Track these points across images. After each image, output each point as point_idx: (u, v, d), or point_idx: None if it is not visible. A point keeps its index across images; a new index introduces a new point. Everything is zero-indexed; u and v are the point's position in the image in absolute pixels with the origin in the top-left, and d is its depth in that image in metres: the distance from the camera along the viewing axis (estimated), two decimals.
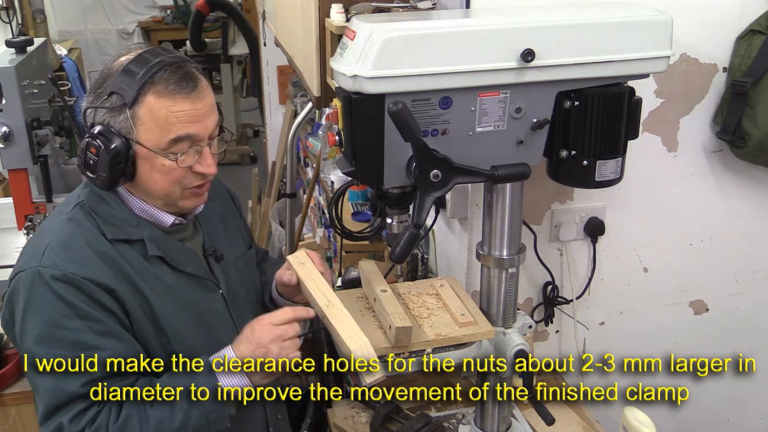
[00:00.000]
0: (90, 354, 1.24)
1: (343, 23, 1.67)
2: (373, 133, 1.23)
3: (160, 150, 1.28)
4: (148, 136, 1.28)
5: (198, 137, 1.30)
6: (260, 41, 4.78)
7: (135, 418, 1.23)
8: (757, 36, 1.70)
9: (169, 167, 1.30)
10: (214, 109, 1.34)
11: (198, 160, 1.32)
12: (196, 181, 1.35)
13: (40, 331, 1.25)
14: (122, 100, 1.26)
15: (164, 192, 1.34)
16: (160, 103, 1.26)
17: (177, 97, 1.26)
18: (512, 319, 1.47)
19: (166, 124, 1.27)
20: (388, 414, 1.66)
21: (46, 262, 1.27)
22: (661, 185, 1.86)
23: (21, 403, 2.06)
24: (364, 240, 1.75)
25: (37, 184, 2.46)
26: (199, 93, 1.29)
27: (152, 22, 7.46)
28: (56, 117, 2.34)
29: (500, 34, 1.22)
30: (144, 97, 1.26)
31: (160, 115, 1.26)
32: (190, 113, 1.28)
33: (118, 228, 1.34)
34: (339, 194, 1.67)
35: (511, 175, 1.32)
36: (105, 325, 1.27)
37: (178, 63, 1.30)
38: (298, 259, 1.47)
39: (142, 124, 1.27)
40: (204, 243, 1.49)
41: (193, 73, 1.31)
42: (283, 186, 4.08)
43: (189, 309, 1.39)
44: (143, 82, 1.25)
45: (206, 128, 1.31)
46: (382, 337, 1.34)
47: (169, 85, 1.26)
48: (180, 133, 1.28)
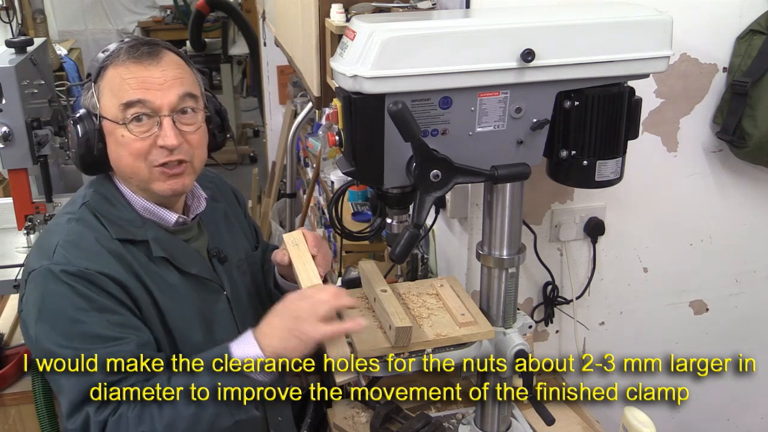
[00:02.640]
0: (110, 345, 1.24)
1: (343, 23, 1.67)
2: (373, 133, 1.23)
3: (117, 119, 1.29)
4: (107, 107, 1.31)
5: (153, 105, 1.29)
6: (260, 41, 4.79)
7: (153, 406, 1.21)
8: (757, 36, 1.71)
9: (128, 139, 1.30)
10: (181, 83, 1.33)
11: (158, 133, 1.31)
12: (162, 157, 1.32)
13: (59, 327, 1.25)
14: (90, 78, 1.32)
15: (130, 169, 1.33)
16: (115, 72, 1.30)
17: (130, 64, 1.29)
18: (512, 319, 1.47)
19: (120, 91, 1.29)
20: (388, 414, 1.66)
21: (58, 259, 1.27)
22: (661, 185, 1.86)
23: (21, 403, 2.06)
24: (364, 240, 1.75)
25: (37, 184, 2.46)
26: (159, 63, 1.31)
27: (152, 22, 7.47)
28: (56, 117, 2.34)
29: (500, 34, 1.22)
30: (105, 71, 1.31)
31: (115, 83, 1.30)
32: (142, 79, 1.29)
33: (122, 228, 1.34)
34: (339, 194, 1.67)
35: (511, 175, 1.32)
36: (123, 317, 1.27)
37: (149, 41, 1.34)
38: (293, 240, 1.45)
39: (102, 95, 1.31)
40: (208, 244, 1.48)
41: (156, 48, 1.33)
42: (283, 186, 4.08)
43: (193, 310, 1.39)
44: (107, 57, 1.31)
45: (164, 97, 1.30)
46: (382, 337, 1.33)
47: (128, 57, 1.30)
48: (131, 98, 1.29)
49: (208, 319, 1.42)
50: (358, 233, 1.68)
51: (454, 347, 1.36)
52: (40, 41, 2.49)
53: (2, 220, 2.48)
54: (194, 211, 1.47)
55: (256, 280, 1.60)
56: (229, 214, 1.58)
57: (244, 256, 1.57)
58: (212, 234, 1.50)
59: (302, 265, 1.39)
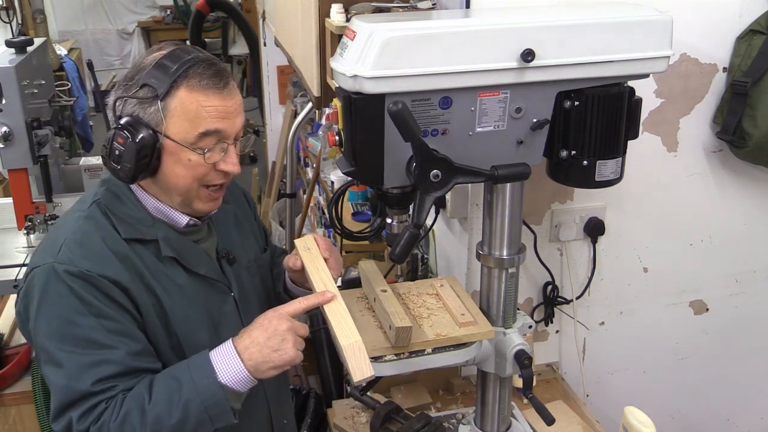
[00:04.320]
0: (102, 353, 1.24)
1: (343, 23, 1.67)
2: (373, 133, 1.23)
3: (187, 144, 1.29)
4: (176, 129, 1.29)
5: (225, 134, 1.31)
6: (260, 41, 4.78)
7: (135, 414, 1.22)
8: (757, 36, 1.71)
9: (195, 162, 1.30)
10: (242, 109, 1.36)
11: (223, 158, 1.33)
12: (218, 180, 1.35)
13: (54, 326, 1.25)
14: (154, 92, 1.27)
15: (185, 188, 1.34)
16: (192, 97, 1.27)
17: (209, 92, 1.28)
18: (512, 319, 1.47)
19: (197, 118, 1.28)
20: (388, 414, 1.66)
21: (62, 258, 1.27)
22: (661, 185, 1.86)
23: (21, 403, 2.07)
24: (364, 240, 1.75)
25: (37, 184, 2.46)
26: (230, 91, 1.31)
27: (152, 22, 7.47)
28: (56, 117, 2.34)
29: (500, 34, 1.22)
30: (176, 91, 1.27)
31: (191, 109, 1.28)
32: (220, 109, 1.29)
33: (132, 227, 1.34)
34: (339, 194, 1.68)
35: (511, 175, 1.32)
36: (119, 324, 1.27)
37: (211, 60, 1.32)
38: (305, 244, 1.46)
39: (172, 117, 1.28)
40: (218, 245, 1.49)
41: (225, 71, 1.33)
42: (283, 186, 4.08)
43: (200, 310, 1.39)
44: (177, 76, 1.27)
45: (234, 126, 1.32)
46: (382, 337, 1.33)
47: (202, 80, 1.28)
48: (209, 127, 1.29)
49: (215, 320, 1.42)
50: (358, 233, 1.68)
51: (454, 347, 1.36)
52: (40, 41, 2.49)
53: (2, 220, 2.48)
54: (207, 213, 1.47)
55: (265, 282, 1.61)
56: (239, 215, 1.59)
57: (253, 258, 1.57)
58: (222, 235, 1.51)
59: (315, 269, 1.40)
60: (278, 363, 1.25)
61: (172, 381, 1.25)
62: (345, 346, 1.23)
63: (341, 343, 1.23)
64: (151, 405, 1.22)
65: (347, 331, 1.25)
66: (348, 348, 1.22)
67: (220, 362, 1.25)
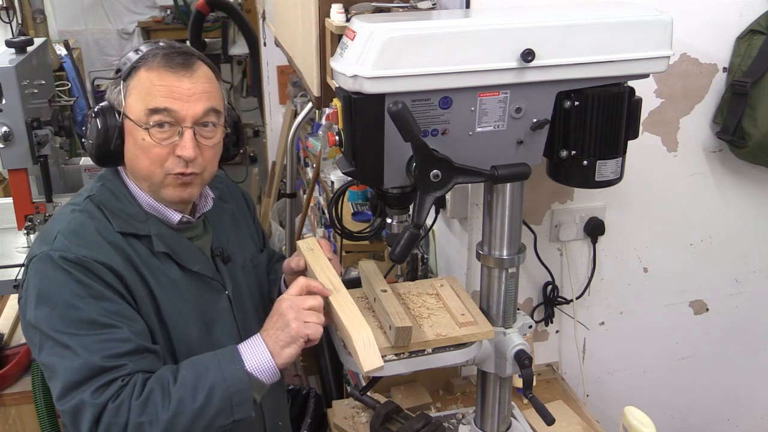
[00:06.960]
0: (108, 331, 1.25)
1: (343, 23, 1.66)
2: (373, 133, 1.23)
3: (141, 122, 1.31)
4: (132, 108, 1.32)
5: (177, 115, 1.31)
6: (260, 41, 4.78)
7: (158, 395, 1.22)
8: (757, 36, 1.71)
9: (148, 143, 1.31)
10: (209, 97, 1.34)
11: (178, 143, 1.32)
12: (178, 167, 1.34)
13: (56, 312, 1.26)
14: (119, 74, 1.33)
15: (145, 172, 1.34)
16: (147, 75, 1.31)
17: (163, 71, 1.31)
18: (512, 319, 1.47)
19: (148, 96, 1.31)
20: (388, 414, 1.66)
21: (58, 245, 1.29)
22: (661, 185, 1.86)
23: (21, 403, 2.07)
24: (364, 240, 1.75)
25: (37, 184, 2.46)
26: (191, 75, 1.32)
27: (152, 22, 7.46)
28: (56, 117, 2.34)
29: (500, 34, 1.22)
30: (137, 72, 1.32)
31: (144, 87, 1.31)
32: (172, 88, 1.31)
33: (125, 222, 1.35)
34: (339, 194, 1.68)
35: (511, 175, 1.32)
36: (118, 305, 1.28)
37: (183, 49, 1.35)
38: (308, 245, 1.46)
39: (130, 95, 1.33)
40: (212, 243, 1.49)
41: (191, 58, 1.34)
42: (283, 186, 4.08)
43: (192, 306, 1.39)
44: (140, 58, 1.33)
45: (190, 109, 1.32)
46: (382, 337, 1.33)
47: (161, 61, 1.31)
48: (158, 105, 1.30)
49: (208, 317, 1.42)
50: (358, 233, 1.68)
51: (454, 347, 1.36)
52: (40, 41, 2.49)
53: (2, 220, 2.48)
54: (201, 210, 1.47)
55: (261, 282, 1.61)
56: (236, 215, 1.59)
57: (249, 258, 1.57)
58: (217, 233, 1.51)
59: (320, 268, 1.39)
60: (286, 339, 1.26)
61: (200, 367, 1.26)
62: (356, 337, 1.23)
63: (352, 335, 1.24)
64: (176, 387, 1.23)
65: (357, 323, 1.26)
66: (358, 339, 1.23)
67: (246, 351, 1.28)
